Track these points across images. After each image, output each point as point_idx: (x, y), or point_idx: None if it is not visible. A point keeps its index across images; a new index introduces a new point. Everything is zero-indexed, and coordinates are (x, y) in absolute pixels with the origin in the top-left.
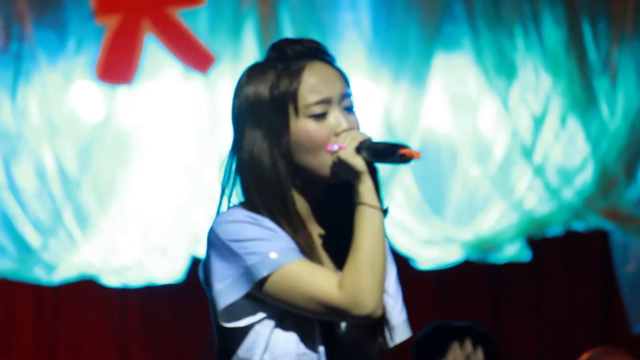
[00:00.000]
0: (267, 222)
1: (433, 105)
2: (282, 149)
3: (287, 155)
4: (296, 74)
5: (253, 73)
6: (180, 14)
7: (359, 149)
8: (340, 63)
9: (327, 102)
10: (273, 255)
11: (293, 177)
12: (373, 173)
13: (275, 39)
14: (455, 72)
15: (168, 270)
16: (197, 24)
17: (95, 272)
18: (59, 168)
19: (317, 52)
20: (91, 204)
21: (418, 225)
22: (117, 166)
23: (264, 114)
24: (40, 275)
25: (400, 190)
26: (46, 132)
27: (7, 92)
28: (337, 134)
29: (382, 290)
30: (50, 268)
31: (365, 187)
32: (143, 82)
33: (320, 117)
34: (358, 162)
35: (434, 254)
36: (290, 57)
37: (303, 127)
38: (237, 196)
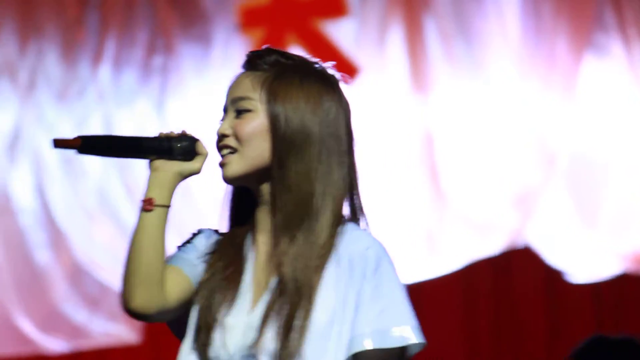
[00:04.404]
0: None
1: (583, 115)
2: None
3: None
4: None
5: None
6: (324, 26)
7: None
8: (487, 72)
9: (224, 110)
10: None
11: None
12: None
13: (421, 50)
14: (606, 81)
15: None
16: (341, 35)
17: None
18: (203, 181)
19: (243, 64)
20: None
21: (571, 238)
22: None
23: None
24: None
25: (552, 202)
26: None
27: (153, 106)
28: None
29: (146, 286)
30: None
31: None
32: None
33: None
34: None
35: (589, 267)
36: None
37: None
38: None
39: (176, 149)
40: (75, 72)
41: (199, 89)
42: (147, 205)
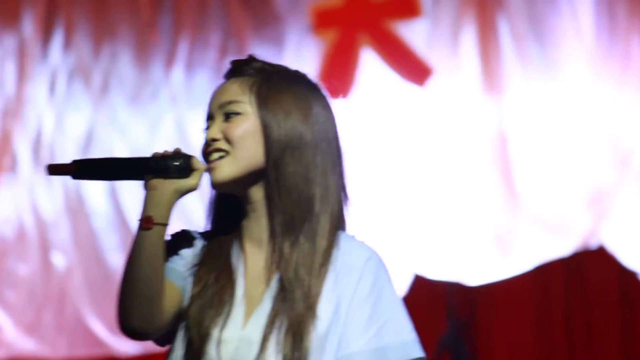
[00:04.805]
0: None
1: None
2: None
3: None
4: None
5: None
6: (397, 26)
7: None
8: (560, 72)
9: (210, 117)
10: None
11: None
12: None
13: (494, 50)
14: None
15: None
16: (414, 35)
17: None
18: None
19: (225, 74)
20: None
21: None
22: None
23: None
24: None
25: (626, 202)
26: None
27: None
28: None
29: (145, 306)
30: None
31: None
32: (359, 95)
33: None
34: None
35: None
36: None
37: None
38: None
39: (172, 167)
40: (148, 75)
41: None
42: (146, 223)
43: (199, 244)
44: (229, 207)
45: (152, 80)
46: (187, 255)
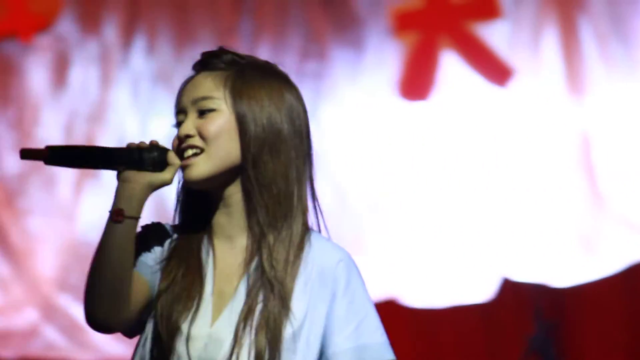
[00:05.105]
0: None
1: None
2: None
3: None
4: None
5: None
6: (478, 28)
7: None
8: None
9: (181, 112)
10: None
11: None
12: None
13: (576, 51)
14: None
15: (477, 289)
16: (495, 37)
17: (398, 292)
18: (359, 185)
19: (195, 65)
20: (394, 222)
21: None
22: (420, 182)
23: None
24: None
25: None
26: (344, 150)
27: (308, 112)
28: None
29: (112, 300)
30: None
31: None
32: (440, 97)
33: (178, 127)
34: None
35: None
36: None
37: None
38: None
39: (146, 159)
40: None
41: (352, 94)
42: (116, 216)
43: (169, 237)
44: (197, 202)
45: None
46: (157, 249)
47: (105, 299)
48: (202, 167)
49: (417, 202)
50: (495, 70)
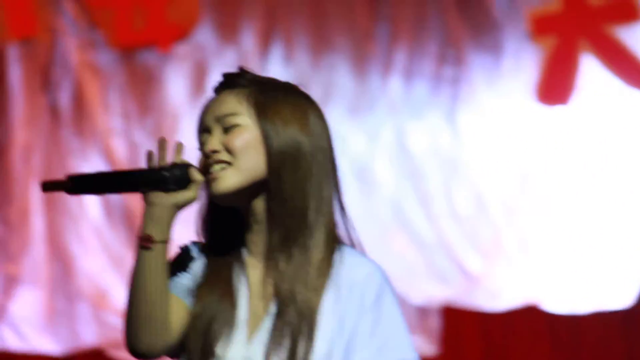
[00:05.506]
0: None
1: None
2: None
3: None
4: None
5: None
6: (618, 31)
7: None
8: None
9: (205, 131)
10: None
11: None
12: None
13: None
14: None
15: (618, 295)
16: (635, 40)
17: (538, 298)
18: (498, 191)
19: (216, 86)
20: (533, 227)
21: None
22: (560, 186)
23: None
24: (483, 301)
25: None
26: (483, 155)
27: (445, 117)
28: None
29: (151, 327)
30: (493, 294)
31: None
32: (580, 101)
33: (202, 147)
34: None
35: None
36: None
37: None
38: None
39: (169, 179)
40: (366, 85)
41: (490, 100)
42: (146, 242)
43: (202, 258)
44: (225, 220)
45: (370, 91)
46: (195, 270)
47: (144, 327)
48: (230, 179)
49: (556, 207)
50: (637, 74)
